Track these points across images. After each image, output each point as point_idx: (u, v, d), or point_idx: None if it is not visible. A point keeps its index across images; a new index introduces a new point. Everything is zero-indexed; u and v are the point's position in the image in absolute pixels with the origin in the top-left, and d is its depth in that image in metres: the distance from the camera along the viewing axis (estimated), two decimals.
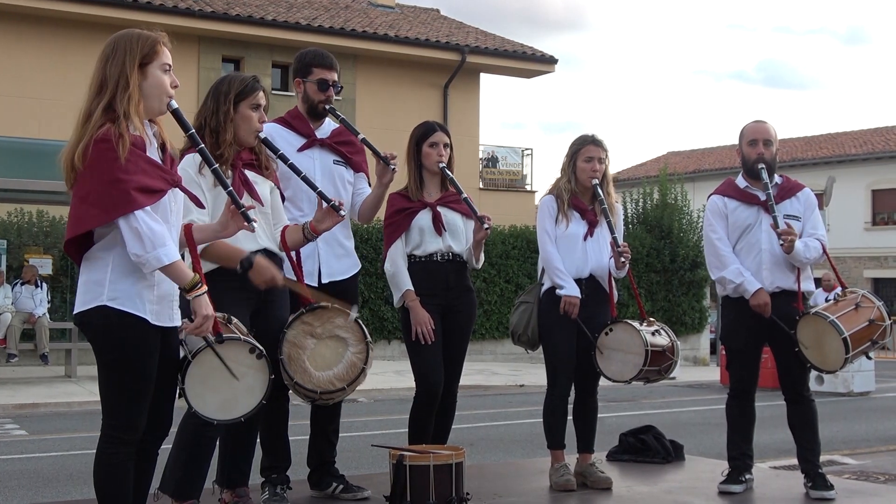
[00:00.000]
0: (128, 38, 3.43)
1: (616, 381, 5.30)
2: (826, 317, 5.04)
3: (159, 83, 3.44)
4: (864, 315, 5.07)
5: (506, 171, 25.26)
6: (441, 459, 4.54)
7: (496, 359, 20.24)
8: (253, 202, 4.14)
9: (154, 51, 3.42)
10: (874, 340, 5.09)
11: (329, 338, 4.24)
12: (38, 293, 15.23)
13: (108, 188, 3.24)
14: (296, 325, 4.23)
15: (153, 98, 3.44)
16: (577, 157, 5.35)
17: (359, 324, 4.26)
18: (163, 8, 20.02)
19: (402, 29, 23.38)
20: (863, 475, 7.44)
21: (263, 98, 4.25)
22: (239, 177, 4.16)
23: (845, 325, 5.00)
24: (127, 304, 3.34)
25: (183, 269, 3.34)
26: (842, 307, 5.12)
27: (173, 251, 3.30)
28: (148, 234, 3.25)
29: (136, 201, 3.25)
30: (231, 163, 4.15)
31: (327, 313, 4.26)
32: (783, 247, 5.13)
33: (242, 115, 4.18)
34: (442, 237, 5.06)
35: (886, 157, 35.13)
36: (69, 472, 7.89)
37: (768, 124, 5.45)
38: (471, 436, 9.67)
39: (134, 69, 3.36)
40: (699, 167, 39.88)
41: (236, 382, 3.55)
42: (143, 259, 3.27)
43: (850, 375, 14.75)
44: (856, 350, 5.02)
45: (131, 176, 3.25)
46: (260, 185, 4.26)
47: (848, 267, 34.10)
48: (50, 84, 18.91)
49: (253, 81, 4.25)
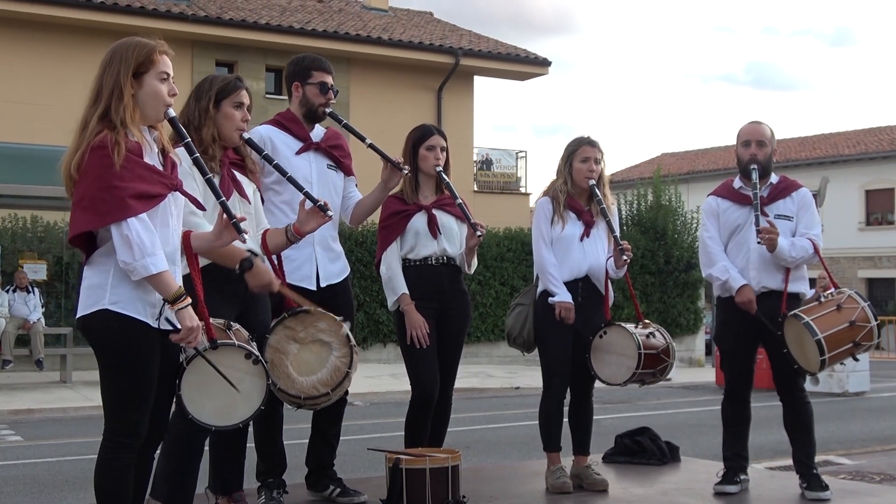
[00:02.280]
0: (124, 46, 3.45)
1: (610, 383, 5.30)
2: (801, 318, 5.04)
3: (155, 92, 3.45)
4: (846, 316, 5.02)
5: (500, 174, 25.28)
6: (437, 462, 4.54)
7: (492, 361, 20.24)
8: (242, 203, 4.15)
9: (150, 59, 3.44)
10: (857, 342, 5.01)
11: (312, 342, 4.20)
12: (32, 299, 15.21)
13: (103, 194, 3.26)
14: (278, 329, 4.20)
15: (149, 107, 3.46)
16: (573, 158, 5.36)
17: (342, 327, 4.21)
18: (156, 12, 20.03)
19: (396, 32, 23.40)
20: (858, 475, 7.45)
21: (246, 97, 4.23)
22: (227, 173, 4.16)
23: (821, 327, 4.95)
24: (128, 308, 3.36)
25: (168, 281, 3.34)
26: (824, 308, 5.08)
27: (161, 262, 3.31)
28: (138, 242, 3.27)
29: (131, 208, 3.27)
30: (220, 161, 4.15)
31: (310, 318, 4.22)
32: (762, 244, 5.14)
33: (224, 113, 4.18)
34: (437, 240, 5.06)
35: (880, 157, 35.21)
36: (65, 477, 7.87)
37: (763, 125, 5.46)
38: (467, 438, 9.67)
39: (128, 78, 3.39)
40: (693, 168, 39.94)
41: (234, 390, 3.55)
42: (130, 267, 3.29)
43: (845, 376, 14.78)
44: (834, 352, 4.96)
45: (127, 183, 3.27)
46: (246, 186, 4.26)
47: (842, 267, 34.17)
48: (44, 89, 18.90)
49: (235, 80, 4.25)
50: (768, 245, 5.14)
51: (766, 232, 5.13)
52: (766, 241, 5.12)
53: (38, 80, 19.08)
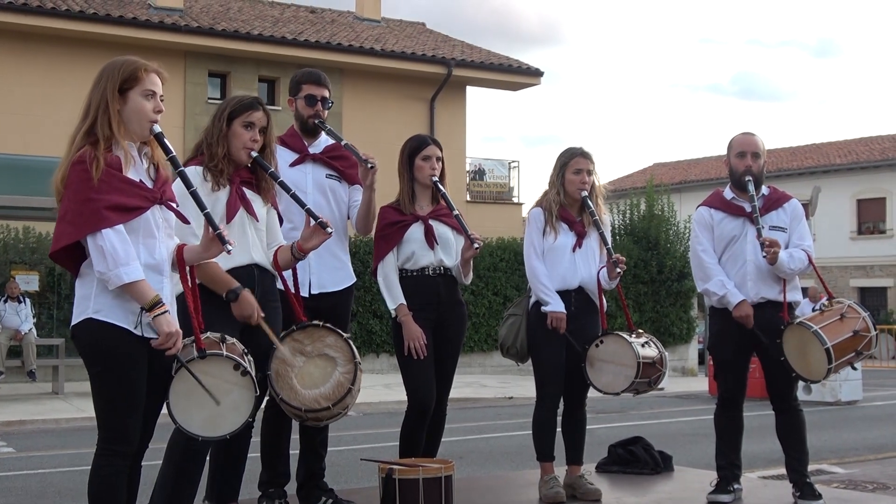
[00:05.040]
0: (112, 64, 3.59)
1: (606, 392, 5.31)
2: (809, 327, 5.06)
3: (139, 109, 3.56)
4: (849, 325, 5.08)
5: (493, 184, 25.31)
6: (430, 473, 4.54)
7: (485, 371, 20.23)
8: (250, 220, 4.27)
9: (135, 77, 3.56)
10: (859, 351, 5.07)
11: (318, 356, 4.24)
12: (23, 309, 15.17)
13: (81, 207, 3.39)
14: (286, 342, 4.24)
15: (134, 122, 3.57)
16: (565, 169, 5.37)
17: (348, 343, 4.26)
18: (149, 23, 20.02)
19: (389, 42, 23.43)
20: (851, 484, 7.46)
21: (259, 118, 4.30)
22: (236, 192, 4.26)
23: (829, 336, 5.01)
24: (110, 316, 3.46)
25: (144, 289, 3.43)
26: (827, 317, 5.13)
27: (135, 271, 3.41)
28: (111, 252, 3.38)
29: (106, 220, 3.38)
30: (229, 178, 4.25)
31: (318, 332, 4.26)
32: (766, 258, 5.16)
33: (234, 131, 4.28)
34: (434, 251, 5.07)
35: (871, 166, 35.36)
36: (56, 488, 7.84)
37: (756, 137, 5.48)
38: (460, 448, 9.65)
39: (114, 94, 3.51)
40: (686, 178, 40.04)
41: (221, 399, 3.58)
42: (105, 276, 3.41)
43: (837, 385, 14.80)
44: (839, 360, 5.03)
45: (103, 195, 3.39)
46: (256, 203, 4.34)
47: (834, 276, 34.25)
48: (36, 100, 18.88)
49: (251, 101, 4.35)
50: (771, 257, 5.15)
51: (772, 245, 5.14)
52: (771, 253, 5.13)
53: (31, 91, 19.06)
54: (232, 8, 23.40)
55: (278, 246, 4.39)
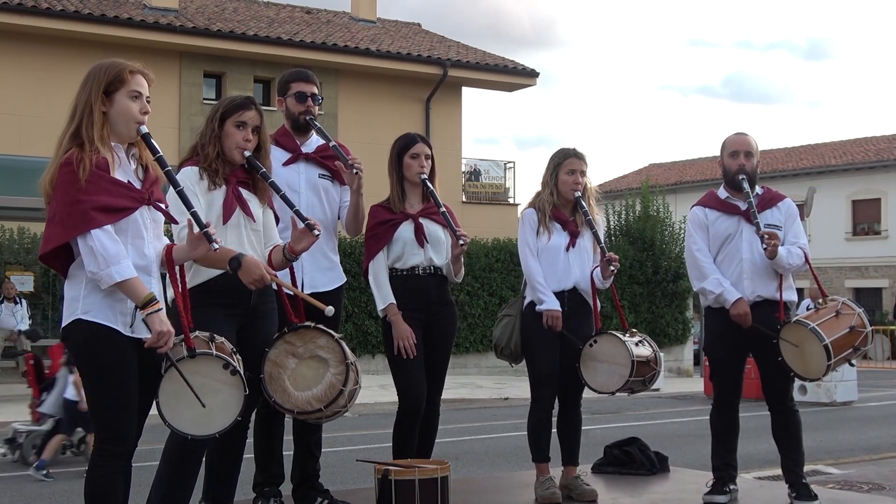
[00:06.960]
0: (98, 67, 3.60)
1: (601, 392, 5.31)
2: (807, 324, 5.07)
3: (125, 110, 3.57)
4: (845, 322, 5.09)
5: (488, 185, 25.33)
6: (426, 474, 4.54)
7: (480, 372, 20.22)
8: (246, 220, 4.26)
9: (120, 78, 3.57)
10: (856, 347, 5.09)
11: (310, 358, 4.22)
12: (19, 310, 15.15)
13: (69, 208, 3.41)
14: (278, 344, 4.23)
15: (120, 123, 3.58)
16: (559, 169, 5.37)
17: (340, 344, 4.24)
18: (144, 24, 20.00)
19: (384, 43, 23.43)
20: (846, 485, 7.46)
21: (252, 118, 4.29)
22: (233, 192, 4.25)
23: (826, 333, 5.02)
24: (99, 316, 3.48)
25: (137, 287, 3.44)
26: (822, 315, 5.14)
27: (126, 270, 3.42)
28: (102, 252, 3.39)
29: (94, 220, 3.40)
30: (225, 178, 4.25)
31: (310, 333, 4.25)
32: (766, 251, 5.15)
33: (226, 131, 4.28)
34: (424, 249, 5.06)
35: (866, 167, 35.39)
36: (52, 489, 7.83)
37: (749, 136, 5.49)
38: (455, 449, 9.65)
39: (99, 96, 3.53)
40: (681, 179, 40.06)
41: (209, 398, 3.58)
42: (97, 276, 3.42)
43: (833, 385, 14.81)
44: (838, 357, 5.04)
45: (90, 196, 3.40)
46: (253, 203, 4.34)
47: (829, 277, 34.28)
48: (31, 101, 18.85)
49: (243, 100, 4.35)
50: (771, 250, 5.14)
51: (772, 237, 5.14)
52: (771, 246, 5.12)
53: (25, 92, 19.04)
54: (227, 8, 23.39)
55: (273, 246, 4.38)
